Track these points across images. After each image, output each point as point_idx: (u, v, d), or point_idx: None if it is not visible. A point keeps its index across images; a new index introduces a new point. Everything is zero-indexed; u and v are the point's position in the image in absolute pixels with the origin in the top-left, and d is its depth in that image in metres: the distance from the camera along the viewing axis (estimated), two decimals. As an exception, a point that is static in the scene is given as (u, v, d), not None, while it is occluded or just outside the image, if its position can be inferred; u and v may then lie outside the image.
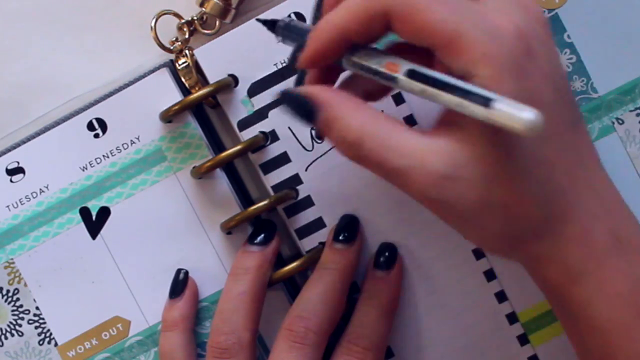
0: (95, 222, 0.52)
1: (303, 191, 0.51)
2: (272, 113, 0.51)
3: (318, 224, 0.51)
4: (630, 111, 0.51)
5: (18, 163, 0.52)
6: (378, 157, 0.40)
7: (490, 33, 0.39)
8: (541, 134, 0.37)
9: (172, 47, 0.52)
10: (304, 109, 0.42)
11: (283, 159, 0.51)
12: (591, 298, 0.42)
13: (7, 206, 0.52)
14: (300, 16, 0.50)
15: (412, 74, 0.40)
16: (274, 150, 0.51)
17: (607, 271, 0.41)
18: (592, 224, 0.41)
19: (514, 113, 0.35)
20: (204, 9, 0.52)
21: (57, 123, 0.53)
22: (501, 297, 0.51)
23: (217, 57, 0.51)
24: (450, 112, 0.40)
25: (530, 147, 0.40)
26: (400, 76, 0.40)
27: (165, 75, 0.52)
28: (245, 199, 0.53)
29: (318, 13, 0.44)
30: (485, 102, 0.36)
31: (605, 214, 0.42)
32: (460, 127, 0.40)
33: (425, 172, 0.40)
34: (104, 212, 0.52)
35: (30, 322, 0.53)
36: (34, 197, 0.52)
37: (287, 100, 0.42)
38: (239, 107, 0.51)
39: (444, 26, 0.39)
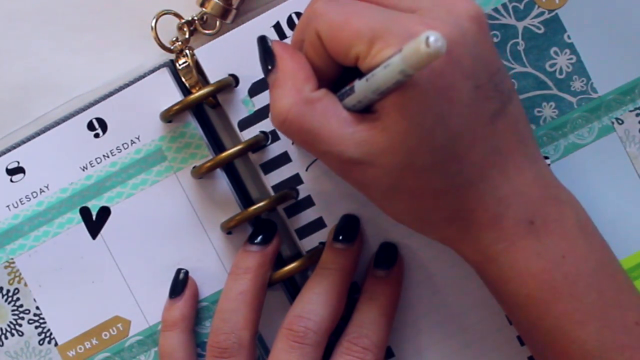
0: (95, 222, 0.52)
1: (303, 191, 0.51)
2: (273, 113, 0.51)
3: (318, 224, 0.52)
4: (630, 111, 0.51)
5: (18, 163, 0.52)
6: (299, 138, 0.44)
7: (404, 38, 0.41)
8: (452, 131, 0.42)
9: (172, 47, 0.52)
10: (265, 61, 0.46)
11: (283, 159, 0.51)
12: (507, 277, 0.45)
13: (7, 206, 0.52)
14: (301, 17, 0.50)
15: (360, 77, 0.43)
16: (274, 150, 0.51)
17: (519, 252, 0.44)
18: (503, 210, 0.44)
19: (417, 40, 0.36)
20: (204, 9, 0.52)
21: (57, 123, 0.53)
22: (501, 297, 0.51)
23: (217, 57, 0.51)
24: (377, 104, 0.42)
25: (442, 142, 0.42)
26: (355, 82, 0.43)
27: (165, 75, 0.52)
28: (246, 199, 0.53)
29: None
30: (399, 51, 0.38)
31: (519, 200, 0.44)
32: (381, 118, 0.42)
33: (343, 157, 0.43)
34: (104, 212, 0.52)
35: (31, 322, 0.53)
36: (34, 197, 0.52)
37: (260, 45, 0.46)
38: (240, 106, 0.51)
39: (362, 34, 0.42)
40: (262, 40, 0.46)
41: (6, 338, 0.53)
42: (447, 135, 0.42)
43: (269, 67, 0.46)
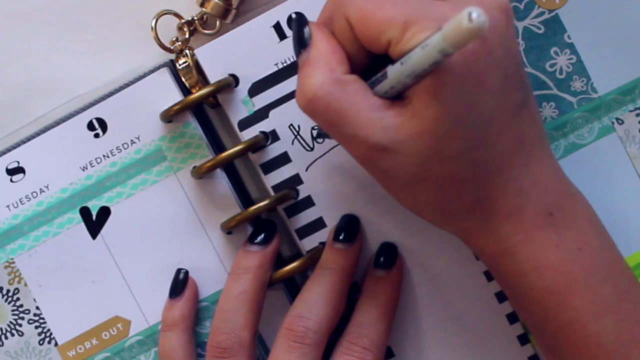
0: (95, 222, 0.52)
1: (303, 191, 0.51)
2: (273, 113, 0.51)
3: (318, 224, 0.52)
4: (630, 111, 0.51)
5: (18, 163, 0.52)
6: (325, 119, 0.44)
7: (441, 22, 0.40)
8: (482, 119, 0.41)
9: (172, 47, 0.52)
10: (299, 41, 0.45)
11: (283, 159, 0.51)
12: (524, 269, 0.44)
13: (7, 206, 0.52)
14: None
15: (392, 63, 0.42)
16: (274, 150, 0.51)
17: (537, 244, 0.44)
18: (523, 201, 0.44)
19: (459, 16, 0.36)
20: (204, 9, 0.52)
21: (57, 123, 0.53)
22: (501, 297, 0.51)
23: (217, 57, 0.51)
24: (409, 90, 0.42)
25: (472, 129, 0.42)
26: (389, 67, 0.43)
27: (165, 75, 0.52)
28: (246, 199, 0.53)
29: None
30: (438, 30, 0.38)
31: (539, 192, 0.44)
32: (411, 103, 0.42)
33: (368, 143, 0.43)
34: (104, 212, 0.52)
35: (31, 322, 0.53)
36: (34, 197, 0.52)
37: (296, 23, 0.46)
38: (240, 106, 0.51)
39: (395, 19, 0.41)
40: (298, 18, 0.46)
41: (6, 338, 0.53)
42: (478, 123, 0.42)
43: (302, 46, 0.45)
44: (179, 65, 0.52)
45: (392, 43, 0.42)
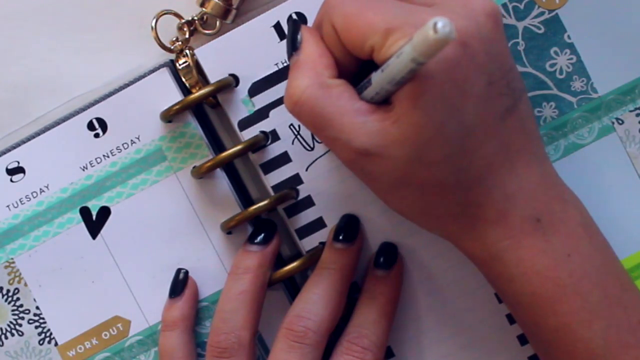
0: (95, 222, 0.52)
1: (303, 191, 0.51)
2: (273, 113, 0.51)
3: (318, 224, 0.52)
4: (630, 111, 0.51)
5: (18, 163, 0.52)
6: (309, 121, 0.44)
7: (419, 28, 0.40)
8: (465, 125, 0.41)
9: (172, 47, 0.52)
10: (291, 43, 0.46)
11: (283, 159, 0.51)
12: (512, 274, 0.44)
13: (7, 206, 0.52)
14: (301, 16, 0.50)
15: (376, 69, 0.43)
16: (274, 150, 0.51)
17: (524, 250, 0.44)
18: (509, 207, 0.44)
19: (425, 26, 0.36)
20: (204, 9, 0.52)
21: (57, 123, 0.53)
22: (501, 297, 0.51)
23: (217, 57, 0.51)
24: (392, 96, 0.42)
25: (453, 135, 0.42)
26: (373, 74, 0.43)
27: (165, 75, 0.52)
28: (246, 199, 0.53)
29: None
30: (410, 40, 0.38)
31: (525, 198, 0.44)
32: (394, 109, 0.42)
33: (351, 147, 0.43)
34: (104, 212, 0.52)
35: (31, 321, 0.53)
36: (34, 197, 0.52)
37: (290, 26, 0.47)
38: (240, 106, 0.51)
39: (377, 26, 0.42)
40: (293, 22, 0.47)
41: (6, 338, 0.53)
42: (459, 129, 0.42)
43: (293, 49, 0.46)
44: (179, 65, 0.52)
45: (375, 49, 0.42)
